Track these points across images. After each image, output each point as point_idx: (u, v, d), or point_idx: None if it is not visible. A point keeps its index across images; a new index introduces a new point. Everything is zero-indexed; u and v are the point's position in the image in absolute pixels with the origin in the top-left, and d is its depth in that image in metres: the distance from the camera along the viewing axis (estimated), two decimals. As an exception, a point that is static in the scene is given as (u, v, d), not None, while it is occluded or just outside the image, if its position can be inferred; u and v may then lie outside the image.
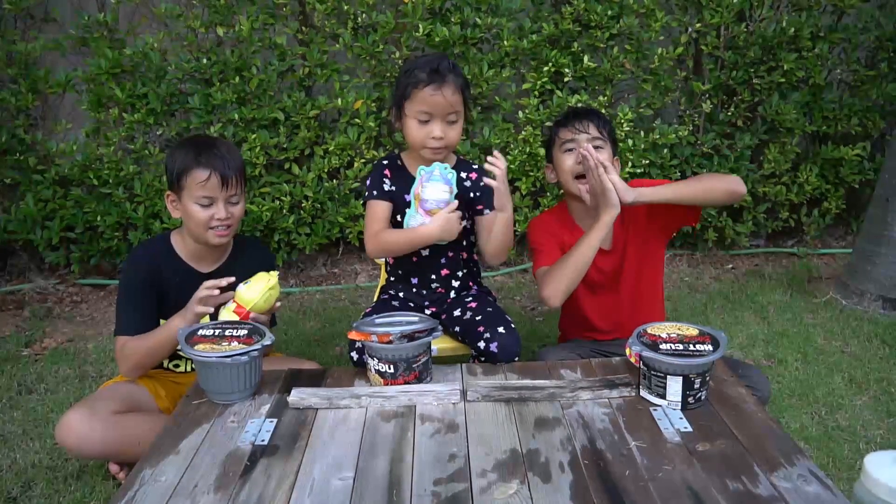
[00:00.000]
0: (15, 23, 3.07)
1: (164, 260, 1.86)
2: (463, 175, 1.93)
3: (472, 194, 1.93)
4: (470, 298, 1.97)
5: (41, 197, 3.06)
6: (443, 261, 1.97)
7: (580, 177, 1.89)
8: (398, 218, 1.90)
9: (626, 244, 1.96)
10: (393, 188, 1.90)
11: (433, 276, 1.97)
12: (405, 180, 1.89)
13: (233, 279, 1.71)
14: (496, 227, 1.84)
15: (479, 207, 1.93)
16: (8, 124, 3.03)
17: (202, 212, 1.78)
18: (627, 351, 1.57)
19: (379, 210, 1.90)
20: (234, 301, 1.68)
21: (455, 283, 1.99)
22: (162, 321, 1.87)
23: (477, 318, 1.86)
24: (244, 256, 1.96)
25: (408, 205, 1.87)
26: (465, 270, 2.01)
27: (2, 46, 2.93)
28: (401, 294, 2.02)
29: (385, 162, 1.95)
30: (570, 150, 1.91)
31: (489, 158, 1.75)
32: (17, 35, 3.00)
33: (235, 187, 1.80)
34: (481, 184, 1.91)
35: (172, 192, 1.82)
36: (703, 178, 1.99)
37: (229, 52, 2.99)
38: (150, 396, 1.84)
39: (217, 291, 1.68)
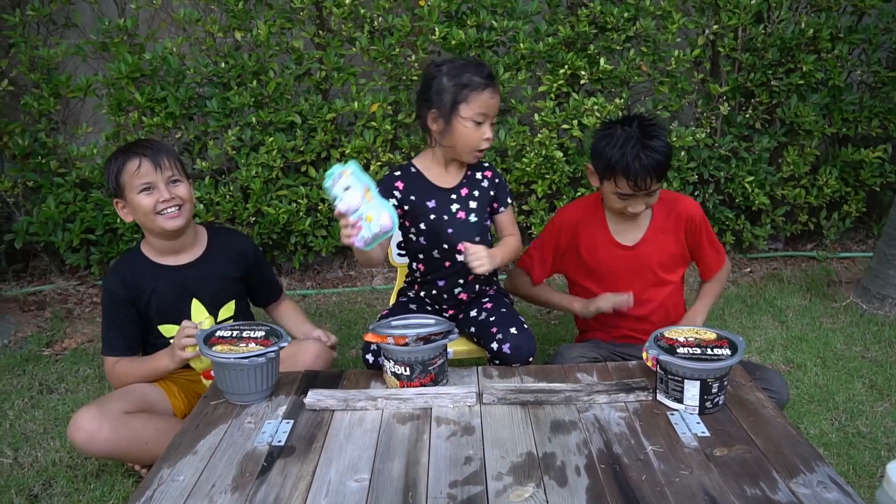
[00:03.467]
0: (38, 29, 3.12)
1: (137, 270, 1.89)
2: (478, 175, 1.94)
3: (490, 192, 1.94)
4: (486, 299, 1.98)
5: (62, 199, 3.10)
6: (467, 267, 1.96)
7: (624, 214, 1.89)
8: (421, 226, 1.90)
9: (652, 246, 1.96)
10: (412, 197, 1.89)
11: (461, 281, 1.96)
12: (423, 187, 1.89)
13: (199, 326, 1.75)
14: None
15: (495, 206, 1.96)
16: (30, 128, 3.08)
17: (146, 198, 1.81)
18: (644, 355, 1.57)
19: None
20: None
21: (476, 287, 2.00)
22: (162, 328, 1.92)
23: (490, 319, 1.87)
24: (221, 245, 1.98)
25: (431, 211, 1.89)
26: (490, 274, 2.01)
27: (25, 52, 2.98)
28: (421, 293, 2.02)
29: (397, 173, 1.93)
30: (624, 198, 1.84)
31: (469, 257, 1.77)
32: (40, 41, 3.05)
33: (170, 168, 1.83)
34: (496, 181, 1.94)
35: (119, 199, 1.86)
36: (714, 291, 2.10)
37: (247, 56, 3.01)
38: (164, 396, 1.87)
39: (196, 331, 1.71)
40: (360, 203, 1.52)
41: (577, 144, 3.30)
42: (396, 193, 1.90)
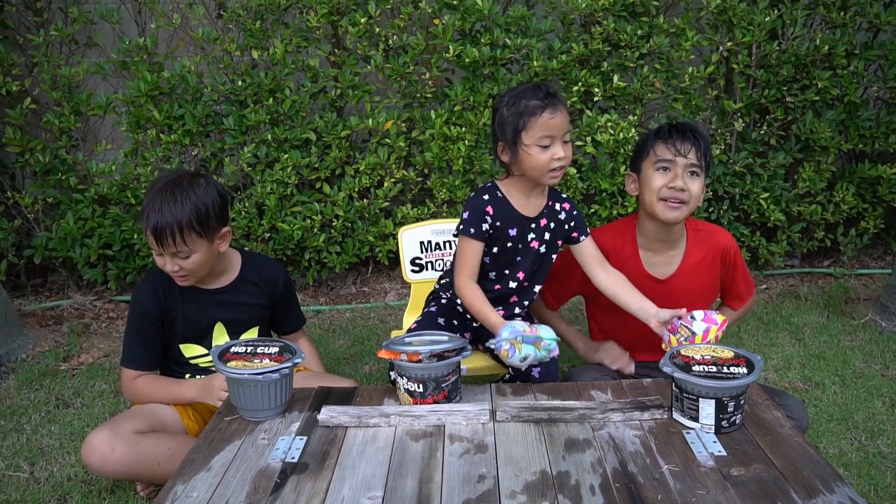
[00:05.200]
0: (60, 48, 3.18)
1: (169, 287, 1.89)
2: (557, 207, 1.90)
3: (566, 225, 1.90)
4: (518, 319, 1.96)
5: (81, 215, 3.15)
6: (513, 295, 1.94)
7: (665, 199, 1.82)
8: (494, 249, 1.86)
9: (685, 280, 1.94)
10: (498, 223, 1.83)
11: (500, 308, 1.92)
12: (509, 215, 1.84)
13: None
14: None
15: (575, 235, 1.91)
16: (51, 145, 3.13)
17: (160, 260, 1.81)
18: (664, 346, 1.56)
19: (472, 251, 1.83)
20: None
21: (513, 309, 1.97)
22: (183, 347, 1.92)
23: None
24: (252, 272, 1.98)
25: (510, 239, 1.85)
26: (528, 301, 1.99)
27: (48, 71, 3.04)
28: (457, 300, 1.97)
29: (486, 197, 1.84)
30: (665, 168, 1.82)
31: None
32: (62, 60, 3.11)
33: (174, 245, 1.74)
34: (574, 213, 1.91)
35: None
36: (735, 317, 2.13)
37: (263, 75, 3.05)
38: (177, 416, 1.86)
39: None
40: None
41: (591, 161, 3.30)
42: (488, 218, 1.83)
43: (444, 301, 2.03)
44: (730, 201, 3.44)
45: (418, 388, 1.54)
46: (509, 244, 1.85)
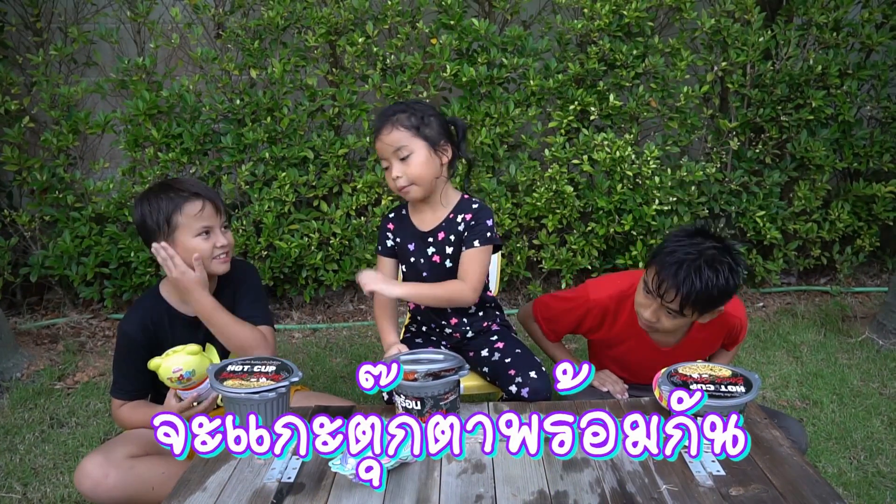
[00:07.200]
0: (59, 67, 3.20)
1: (156, 314, 1.85)
2: (458, 218, 1.84)
3: (462, 236, 1.85)
4: (496, 337, 1.95)
5: (78, 233, 3.14)
6: (448, 310, 1.94)
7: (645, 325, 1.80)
8: (403, 269, 1.94)
9: (689, 349, 1.91)
10: (398, 239, 1.92)
11: (444, 323, 1.96)
12: (407, 230, 1.90)
13: (196, 395, 1.74)
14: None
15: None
16: (49, 164, 3.14)
17: (204, 243, 1.76)
18: (656, 392, 1.55)
19: (383, 266, 1.96)
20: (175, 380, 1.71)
21: (467, 329, 1.97)
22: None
23: (507, 361, 1.84)
24: (232, 285, 1.93)
25: (411, 254, 1.88)
26: (481, 313, 1.99)
27: (46, 90, 3.05)
28: (423, 329, 2.03)
29: (391, 215, 1.96)
30: (647, 294, 1.73)
31: None
32: (61, 79, 3.12)
33: (224, 213, 1.83)
34: (472, 223, 1.83)
35: (159, 242, 1.75)
36: (729, 358, 2.07)
37: (262, 94, 3.07)
38: None
39: (194, 404, 1.73)
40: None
41: (588, 179, 3.31)
42: (389, 234, 1.92)
43: (413, 329, 2.05)
44: (726, 219, 3.45)
45: (416, 405, 1.53)
46: (412, 259, 1.90)
